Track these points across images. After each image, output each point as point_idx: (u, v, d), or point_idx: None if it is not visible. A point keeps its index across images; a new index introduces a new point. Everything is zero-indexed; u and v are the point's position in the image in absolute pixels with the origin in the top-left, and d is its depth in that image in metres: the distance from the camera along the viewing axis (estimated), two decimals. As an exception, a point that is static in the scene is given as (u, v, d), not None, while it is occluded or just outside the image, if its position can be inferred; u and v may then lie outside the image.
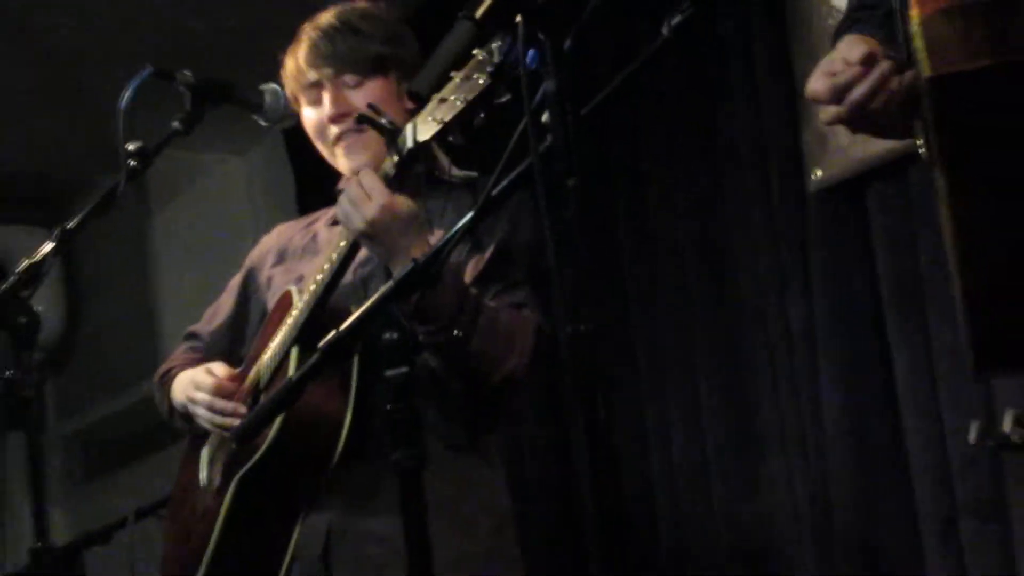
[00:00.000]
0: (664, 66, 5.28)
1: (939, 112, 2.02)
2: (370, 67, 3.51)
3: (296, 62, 3.58)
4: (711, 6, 2.31)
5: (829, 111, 2.28)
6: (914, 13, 2.01)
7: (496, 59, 2.36)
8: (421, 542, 2.48)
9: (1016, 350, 2.22)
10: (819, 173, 4.82)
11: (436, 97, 2.73)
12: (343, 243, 3.30)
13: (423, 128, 2.97)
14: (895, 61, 2.20)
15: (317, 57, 3.53)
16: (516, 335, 3.35)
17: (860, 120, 2.26)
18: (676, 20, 2.37)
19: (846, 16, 2.42)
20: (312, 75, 3.54)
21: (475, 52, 2.48)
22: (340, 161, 3.57)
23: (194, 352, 3.85)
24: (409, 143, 3.08)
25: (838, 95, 2.24)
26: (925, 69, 2.00)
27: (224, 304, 3.91)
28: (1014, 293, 2.11)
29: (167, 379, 3.76)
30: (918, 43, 2.01)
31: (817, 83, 2.27)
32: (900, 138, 2.34)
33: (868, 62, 2.22)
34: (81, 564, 4.11)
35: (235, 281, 3.92)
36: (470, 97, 2.59)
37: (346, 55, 3.50)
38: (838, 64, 2.26)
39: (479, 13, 2.19)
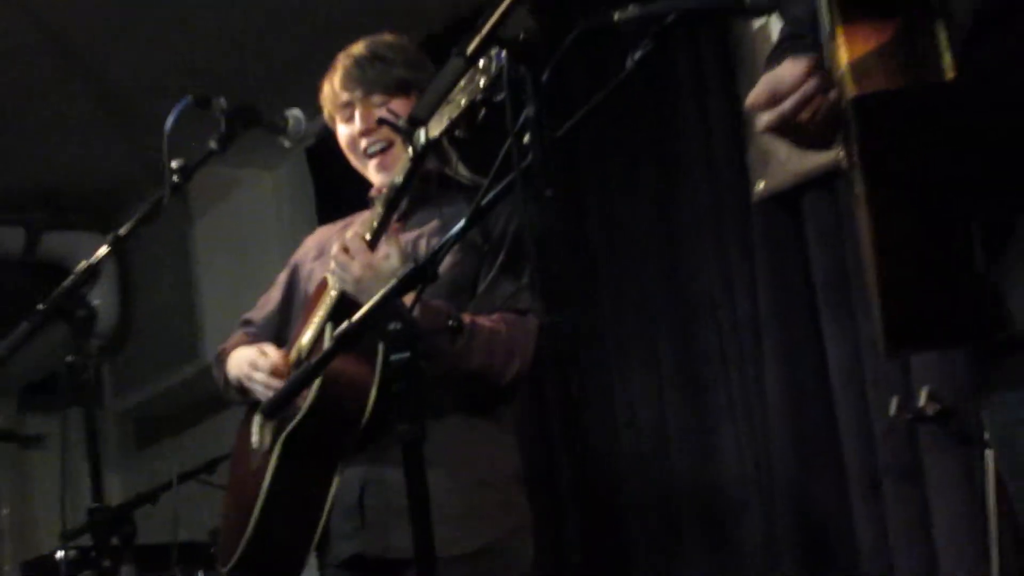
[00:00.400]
0: (629, 94, 5.27)
1: (861, 127, 2.02)
2: (394, 88, 3.55)
3: (332, 86, 3.62)
4: (668, 43, 2.30)
5: (762, 119, 2.27)
6: (840, 42, 2.02)
7: (495, 64, 2.37)
8: (422, 498, 2.48)
9: (919, 332, 2.23)
10: (761, 185, 4.82)
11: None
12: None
13: (434, 125, 2.99)
14: (823, 79, 2.19)
15: (349, 81, 3.57)
16: (517, 344, 3.39)
17: (786, 129, 2.26)
18: (638, 55, 2.36)
19: (776, 45, 2.42)
20: (345, 96, 3.59)
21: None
22: (372, 174, 3.60)
23: (248, 336, 3.86)
24: (422, 139, 3.11)
25: (772, 99, 2.23)
26: (851, 90, 2.00)
27: (273, 295, 3.92)
28: (918, 283, 2.11)
29: (224, 357, 3.76)
30: (844, 67, 2.00)
31: (759, 93, 2.26)
32: (821, 149, 2.33)
33: (808, 74, 2.21)
34: (132, 521, 4.10)
35: (282, 276, 3.93)
36: (473, 97, 2.60)
37: (374, 79, 3.55)
38: (778, 78, 2.25)
39: (469, 50, 2.19)
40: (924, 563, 4.27)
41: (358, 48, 3.62)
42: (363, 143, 3.55)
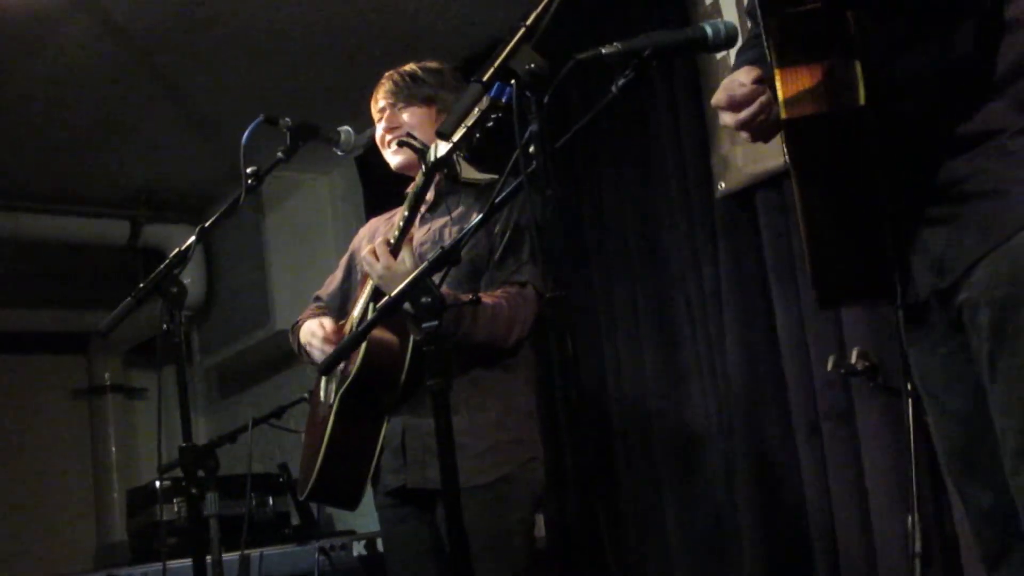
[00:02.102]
0: (615, 112, 5.28)
1: (790, 141, 2.04)
2: (418, 101, 3.63)
3: (376, 95, 3.71)
4: (646, 72, 2.30)
5: (725, 118, 2.30)
6: (778, 82, 2.04)
7: (486, 101, 2.38)
8: (448, 438, 2.50)
9: (838, 293, 2.29)
10: (723, 185, 4.81)
11: None
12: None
13: (442, 147, 3.14)
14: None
15: (385, 92, 3.67)
16: (518, 313, 3.41)
17: (745, 129, 2.28)
18: (621, 82, 2.37)
19: (747, 40, 2.43)
20: (381, 103, 3.69)
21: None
22: (389, 158, 3.68)
23: (317, 309, 3.89)
24: (432, 157, 3.23)
25: (732, 106, 2.25)
26: (783, 114, 2.03)
27: (336, 275, 3.96)
28: (837, 259, 2.16)
29: (297, 328, 3.78)
30: (780, 102, 2.03)
31: (719, 96, 2.28)
32: (767, 140, 2.36)
33: (758, 83, 2.23)
34: (215, 457, 4.09)
35: (343, 259, 3.97)
36: (468, 125, 2.63)
37: (403, 92, 3.64)
38: (735, 84, 2.27)
39: (485, 78, 2.20)
40: (856, 492, 4.27)
41: (403, 68, 3.70)
42: (388, 137, 3.65)
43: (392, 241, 3.36)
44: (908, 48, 2.12)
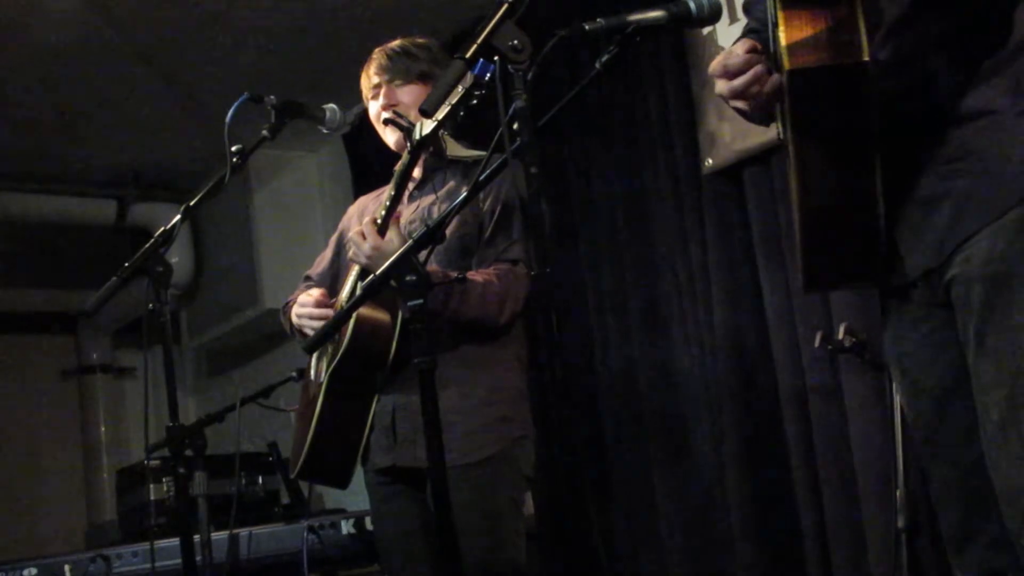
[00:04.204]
0: (603, 88, 5.28)
1: (792, 92, 2.04)
2: (414, 77, 3.60)
3: (367, 72, 3.67)
4: (630, 48, 2.30)
5: (719, 85, 2.29)
6: (781, 28, 2.03)
7: (469, 79, 2.38)
8: (434, 415, 2.50)
9: (827, 277, 2.28)
10: (710, 162, 4.81)
11: None
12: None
13: (427, 125, 3.18)
14: (768, 65, 2.21)
15: (380, 69, 3.63)
16: (509, 291, 3.40)
17: (738, 100, 2.27)
18: (604, 58, 2.37)
19: (743, 33, 2.43)
20: (375, 80, 3.64)
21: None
22: (387, 137, 3.64)
23: (307, 288, 3.88)
24: (417, 136, 3.25)
25: (727, 74, 2.24)
26: (786, 64, 2.02)
27: (326, 254, 3.95)
28: (829, 241, 2.16)
29: (288, 308, 3.78)
30: (783, 48, 2.02)
31: (715, 64, 2.28)
32: (761, 124, 2.35)
33: (752, 52, 2.23)
34: (203, 436, 4.10)
35: (333, 238, 3.96)
36: (453, 103, 2.63)
37: (398, 69, 3.61)
38: (731, 54, 2.27)
39: (468, 55, 2.20)
40: (843, 466, 4.29)
41: (392, 44, 3.66)
42: (384, 115, 3.59)
43: (379, 221, 3.36)
44: (916, 16, 2.13)
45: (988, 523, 2.18)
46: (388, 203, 3.37)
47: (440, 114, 2.78)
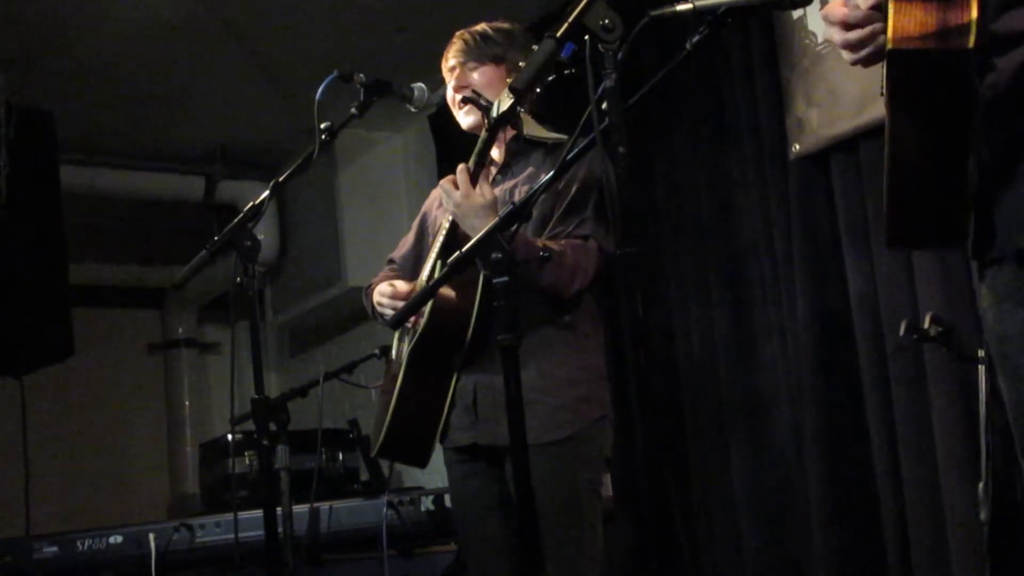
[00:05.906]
0: (690, 72, 5.25)
1: (892, 71, 2.01)
2: (488, 59, 3.59)
3: (446, 55, 3.67)
4: (721, 30, 2.29)
5: (832, 33, 2.26)
6: (892, 2, 2.00)
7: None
8: (516, 392, 2.50)
9: (915, 231, 2.24)
10: (797, 147, 4.78)
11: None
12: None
13: (504, 102, 3.22)
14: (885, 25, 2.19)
15: (456, 52, 3.63)
16: (580, 263, 3.37)
17: (849, 50, 2.25)
18: (694, 39, 2.35)
19: None
20: (452, 63, 3.64)
21: None
22: (461, 119, 3.63)
23: (390, 271, 3.89)
24: (494, 113, 3.29)
25: (845, 25, 2.21)
26: (888, 43, 1.99)
27: (408, 237, 3.94)
28: (915, 192, 2.12)
29: (370, 291, 3.80)
30: (890, 18, 1.99)
31: (837, 11, 2.25)
32: (866, 66, 2.32)
33: (874, 9, 2.20)
34: (286, 411, 4.15)
35: (416, 221, 3.95)
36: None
37: (473, 52, 3.61)
38: (852, 4, 2.24)
39: (559, 34, 2.20)
40: (925, 460, 4.25)
41: (474, 27, 3.66)
42: (457, 97, 3.60)
43: (471, 172, 3.39)
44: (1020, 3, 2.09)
45: None
46: (475, 162, 3.40)
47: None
